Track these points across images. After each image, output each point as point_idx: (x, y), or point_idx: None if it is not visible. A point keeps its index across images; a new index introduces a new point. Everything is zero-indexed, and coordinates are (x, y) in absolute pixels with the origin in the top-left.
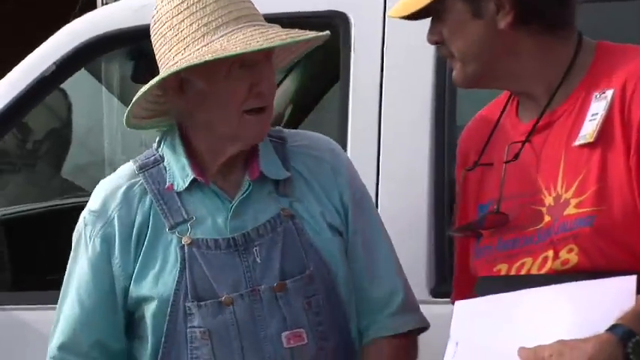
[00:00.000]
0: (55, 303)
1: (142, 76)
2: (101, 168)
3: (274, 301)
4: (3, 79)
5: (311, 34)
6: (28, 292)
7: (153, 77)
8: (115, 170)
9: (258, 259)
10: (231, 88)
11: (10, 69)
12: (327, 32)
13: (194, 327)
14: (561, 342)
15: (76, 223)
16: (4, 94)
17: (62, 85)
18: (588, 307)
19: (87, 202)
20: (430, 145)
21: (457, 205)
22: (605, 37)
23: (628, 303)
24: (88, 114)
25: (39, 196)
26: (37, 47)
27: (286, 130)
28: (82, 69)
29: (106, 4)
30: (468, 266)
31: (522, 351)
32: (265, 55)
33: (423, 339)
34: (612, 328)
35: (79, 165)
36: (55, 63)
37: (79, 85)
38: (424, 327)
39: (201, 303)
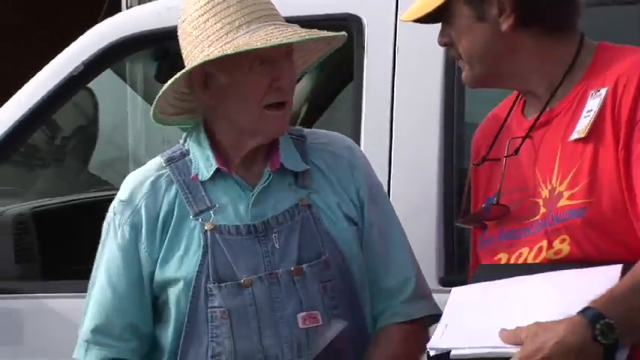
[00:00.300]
0: (83, 292)
1: (166, 75)
2: (126, 163)
3: (291, 284)
4: (33, 78)
5: (329, 33)
6: (58, 281)
7: None
8: (138, 166)
9: (276, 245)
10: (252, 83)
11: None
12: (344, 33)
13: (214, 307)
14: (537, 324)
15: (101, 216)
16: (34, 93)
17: (89, 85)
18: (572, 293)
19: (112, 195)
20: (439, 142)
21: (468, 197)
22: (609, 39)
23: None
24: (114, 112)
25: (67, 190)
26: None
27: (306, 129)
28: (109, 69)
29: (131, 7)
30: (476, 258)
31: (503, 333)
32: (285, 52)
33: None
34: (583, 311)
35: (105, 160)
36: (83, 63)
37: (105, 84)
38: (436, 314)
39: (222, 284)
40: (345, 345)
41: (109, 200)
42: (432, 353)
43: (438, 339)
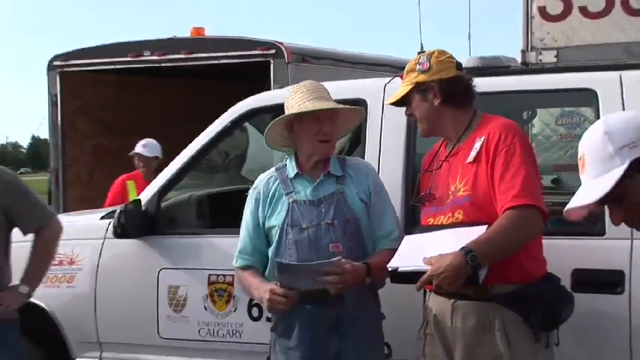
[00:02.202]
0: (232, 235)
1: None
2: (260, 171)
3: (328, 230)
4: (210, 126)
5: (347, 107)
6: (219, 228)
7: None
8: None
9: (322, 211)
10: (309, 129)
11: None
12: (362, 108)
13: (289, 239)
14: (440, 255)
15: (246, 199)
16: (208, 134)
17: (245, 127)
18: (460, 238)
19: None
20: (404, 161)
21: (417, 190)
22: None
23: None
24: (255, 144)
25: (229, 184)
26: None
27: (348, 157)
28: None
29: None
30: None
31: (424, 258)
32: (328, 115)
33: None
34: (462, 248)
35: (249, 169)
36: (230, 121)
37: (252, 129)
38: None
39: (294, 228)
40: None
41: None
42: (389, 269)
43: (393, 261)
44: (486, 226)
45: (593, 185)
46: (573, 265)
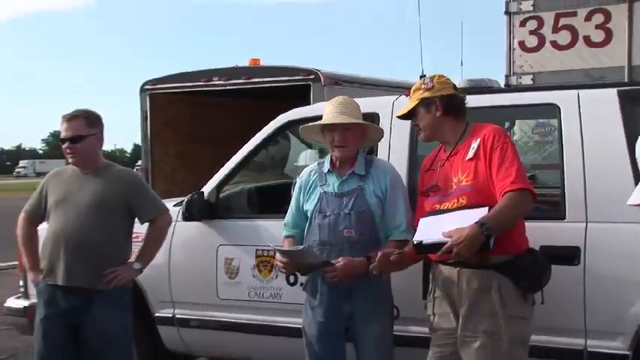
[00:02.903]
0: (278, 218)
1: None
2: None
3: (345, 218)
4: (258, 133)
5: (363, 122)
6: (264, 214)
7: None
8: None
9: (344, 202)
10: (328, 137)
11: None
12: (364, 122)
13: (316, 222)
14: (458, 228)
15: (290, 191)
16: (256, 139)
17: (284, 135)
18: (470, 217)
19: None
20: (408, 162)
21: (420, 184)
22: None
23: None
24: (294, 148)
25: (273, 179)
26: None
27: (375, 158)
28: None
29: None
30: (423, 210)
31: (445, 232)
32: (339, 125)
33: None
34: (477, 222)
35: (291, 167)
36: (274, 129)
37: (291, 136)
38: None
39: (320, 214)
40: (368, 250)
41: (291, 184)
42: (414, 242)
43: (416, 235)
44: (487, 207)
45: None
46: (540, 242)
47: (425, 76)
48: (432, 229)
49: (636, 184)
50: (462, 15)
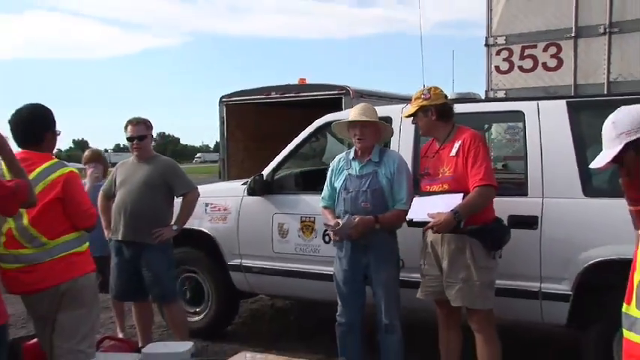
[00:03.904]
0: (313, 194)
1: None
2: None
3: (363, 194)
4: (302, 132)
5: (377, 121)
6: (306, 191)
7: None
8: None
9: (362, 182)
10: (350, 132)
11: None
12: (380, 121)
13: (342, 197)
14: (438, 212)
15: (325, 175)
16: (301, 136)
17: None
18: (449, 202)
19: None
20: (413, 151)
21: (418, 169)
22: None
23: (458, 202)
24: (329, 142)
25: (313, 166)
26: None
27: (387, 149)
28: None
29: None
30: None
31: (429, 214)
32: (359, 123)
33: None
34: (451, 210)
35: (327, 157)
36: (317, 128)
37: (326, 134)
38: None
39: (345, 190)
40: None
41: (326, 169)
42: (408, 219)
43: (409, 214)
44: (462, 194)
45: (604, 154)
46: (509, 212)
47: (424, 87)
48: (420, 209)
49: (579, 171)
50: (454, 46)
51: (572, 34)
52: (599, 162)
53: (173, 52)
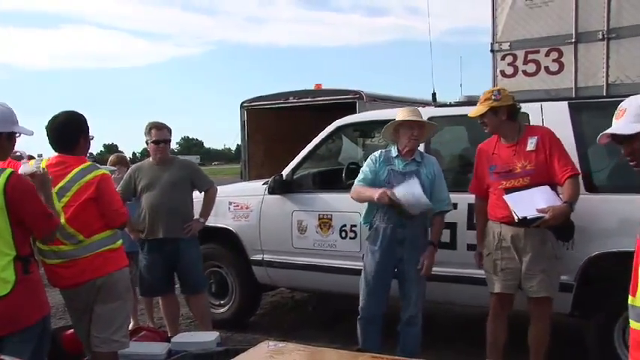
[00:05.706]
0: (331, 192)
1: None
2: (351, 159)
3: None
4: (320, 134)
5: (425, 122)
6: (324, 190)
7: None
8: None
9: (406, 178)
10: (406, 132)
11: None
12: (436, 123)
13: (387, 186)
14: (551, 206)
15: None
16: (318, 137)
17: (337, 135)
18: (543, 196)
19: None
20: (423, 150)
21: (475, 167)
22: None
23: (552, 194)
24: (345, 143)
25: (329, 166)
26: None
27: (425, 153)
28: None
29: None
30: (480, 181)
31: (538, 209)
32: (417, 124)
33: None
34: (565, 202)
35: (343, 157)
36: (329, 132)
37: (344, 137)
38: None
39: (389, 184)
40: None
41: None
42: (520, 217)
43: (518, 212)
44: (547, 185)
45: (624, 126)
46: None
47: (435, 94)
48: (525, 205)
49: (581, 168)
50: (461, 52)
51: (573, 40)
52: (621, 128)
53: (196, 60)
